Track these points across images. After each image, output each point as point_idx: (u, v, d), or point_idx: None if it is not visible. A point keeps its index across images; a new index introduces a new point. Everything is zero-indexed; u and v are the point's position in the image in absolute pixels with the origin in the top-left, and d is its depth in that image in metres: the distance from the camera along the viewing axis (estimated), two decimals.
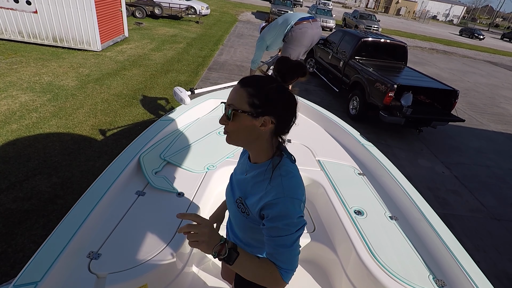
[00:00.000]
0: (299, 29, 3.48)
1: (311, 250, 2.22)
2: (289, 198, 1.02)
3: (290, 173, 1.08)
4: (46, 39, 8.52)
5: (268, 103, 1.01)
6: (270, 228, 1.03)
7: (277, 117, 1.03)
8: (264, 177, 1.09)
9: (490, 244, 3.89)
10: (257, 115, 1.01)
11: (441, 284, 1.69)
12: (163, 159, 2.41)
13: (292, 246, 1.03)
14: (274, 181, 1.05)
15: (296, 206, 1.03)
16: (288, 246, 1.02)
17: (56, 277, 1.42)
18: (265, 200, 1.04)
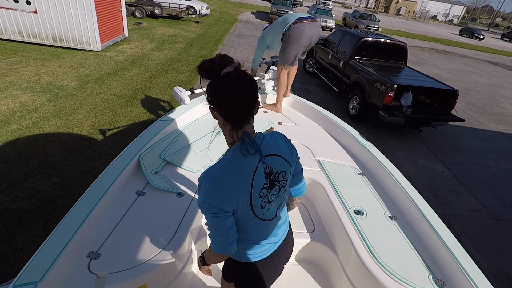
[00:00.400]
0: (297, 28, 3.44)
1: (310, 250, 2.22)
2: (200, 180, 1.11)
3: (219, 161, 1.13)
4: (46, 39, 8.52)
5: (209, 95, 1.12)
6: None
7: (217, 108, 1.11)
8: None
9: (489, 244, 3.89)
10: (210, 106, 1.13)
11: (440, 284, 1.69)
12: (163, 159, 2.42)
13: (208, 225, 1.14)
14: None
15: (201, 189, 1.09)
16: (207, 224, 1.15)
17: (56, 277, 1.42)
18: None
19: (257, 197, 1.14)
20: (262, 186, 1.14)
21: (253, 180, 1.12)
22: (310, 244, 2.21)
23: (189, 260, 1.97)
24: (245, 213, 1.15)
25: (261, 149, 1.13)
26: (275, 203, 1.24)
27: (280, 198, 1.26)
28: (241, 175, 1.10)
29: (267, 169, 1.15)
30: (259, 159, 1.12)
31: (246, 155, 1.11)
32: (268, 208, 1.21)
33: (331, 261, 2.12)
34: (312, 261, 2.23)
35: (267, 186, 1.16)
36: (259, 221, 1.21)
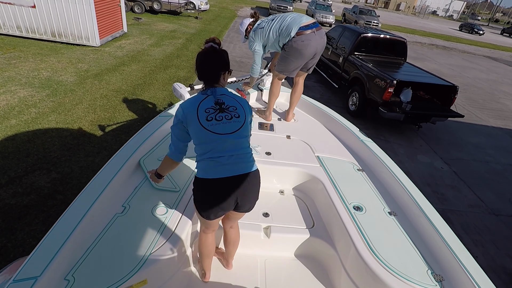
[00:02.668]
0: (302, 41, 2.99)
1: (310, 245, 2.22)
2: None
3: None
4: (45, 34, 8.48)
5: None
6: None
7: (196, 70, 1.70)
8: None
9: (488, 239, 3.91)
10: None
11: (439, 279, 1.70)
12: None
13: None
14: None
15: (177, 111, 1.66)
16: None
17: (56, 272, 1.42)
18: None
19: (202, 112, 1.58)
20: (208, 106, 1.60)
21: (201, 102, 1.61)
22: (309, 240, 2.21)
23: (189, 256, 1.97)
24: (193, 122, 1.57)
25: (216, 92, 1.65)
26: (226, 125, 1.59)
27: (233, 125, 1.60)
28: (195, 101, 1.62)
29: (219, 100, 1.64)
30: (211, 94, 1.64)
31: (203, 94, 1.65)
32: (215, 123, 1.57)
33: (330, 257, 2.13)
34: (311, 256, 2.24)
35: (215, 108, 1.60)
36: (208, 132, 1.55)
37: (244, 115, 1.65)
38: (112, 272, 1.50)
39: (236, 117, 1.61)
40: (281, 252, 2.23)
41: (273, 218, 2.31)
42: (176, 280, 1.80)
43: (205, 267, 1.94)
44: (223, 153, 1.57)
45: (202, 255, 1.89)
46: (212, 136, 1.55)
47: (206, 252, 1.87)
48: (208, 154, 1.57)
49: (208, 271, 1.96)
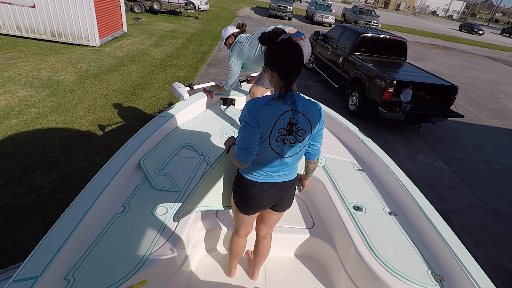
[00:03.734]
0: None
1: (310, 245, 2.22)
2: (247, 102, 1.47)
3: (265, 97, 1.49)
4: (45, 34, 8.48)
5: (267, 58, 1.48)
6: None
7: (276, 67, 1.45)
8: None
9: (488, 239, 3.91)
10: (266, 68, 1.51)
11: (439, 279, 1.70)
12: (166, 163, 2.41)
13: (238, 136, 1.52)
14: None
15: (244, 108, 1.47)
16: (238, 136, 1.53)
17: (56, 272, 1.42)
18: None
19: (276, 131, 1.46)
20: (282, 126, 1.46)
21: (278, 119, 1.44)
22: (309, 240, 2.21)
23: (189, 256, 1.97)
24: (263, 138, 1.47)
25: (297, 106, 1.46)
26: (288, 149, 1.53)
27: (294, 149, 1.55)
28: (272, 112, 1.43)
29: (292, 119, 1.46)
30: (291, 109, 1.44)
31: (284, 103, 1.44)
32: (281, 146, 1.51)
33: (330, 257, 2.13)
34: (312, 256, 2.24)
35: (286, 130, 1.47)
36: (271, 151, 1.51)
37: (309, 137, 1.57)
38: (112, 272, 1.50)
39: (300, 141, 1.54)
40: (281, 252, 2.23)
41: None
42: (176, 280, 1.80)
43: (231, 266, 2.05)
44: (275, 169, 1.60)
45: (232, 256, 1.98)
46: (273, 155, 1.54)
47: (235, 254, 1.96)
48: (262, 165, 1.58)
49: (234, 269, 2.09)
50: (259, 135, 1.46)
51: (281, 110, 1.43)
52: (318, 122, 1.55)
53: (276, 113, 1.43)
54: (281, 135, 1.47)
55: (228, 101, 3.53)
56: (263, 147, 1.50)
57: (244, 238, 1.91)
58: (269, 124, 1.44)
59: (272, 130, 1.45)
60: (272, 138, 1.47)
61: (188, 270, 1.98)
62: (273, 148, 1.51)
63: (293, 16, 23.38)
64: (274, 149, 1.51)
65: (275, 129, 1.45)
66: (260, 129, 1.44)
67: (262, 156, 1.54)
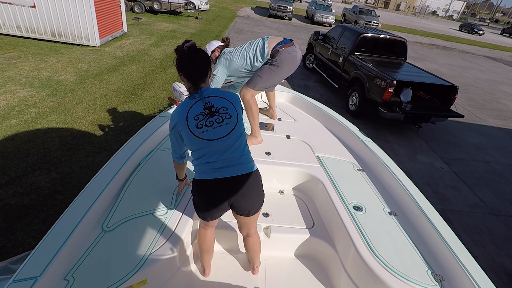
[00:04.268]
0: (288, 52, 2.82)
1: (310, 245, 2.22)
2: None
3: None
4: (45, 34, 8.48)
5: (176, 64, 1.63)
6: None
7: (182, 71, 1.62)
8: None
9: (488, 239, 3.91)
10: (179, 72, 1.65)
11: (439, 279, 1.70)
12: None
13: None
14: None
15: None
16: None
17: (56, 272, 1.42)
18: None
19: (192, 120, 1.55)
20: (198, 113, 1.56)
21: (189, 110, 1.56)
22: (309, 240, 2.21)
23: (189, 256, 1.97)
24: (186, 134, 1.57)
25: (203, 94, 1.59)
26: (219, 129, 1.56)
27: (226, 127, 1.58)
28: (183, 108, 1.59)
29: (207, 104, 1.58)
30: (199, 99, 1.58)
31: (192, 99, 1.60)
32: (206, 130, 1.55)
33: (330, 257, 2.13)
34: (311, 257, 2.24)
35: (204, 114, 1.56)
36: (199, 140, 1.55)
37: (236, 113, 1.62)
38: (112, 272, 1.50)
39: (227, 118, 1.58)
40: (281, 252, 2.23)
41: (273, 218, 2.31)
42: (176, 280, 1.80)
43: (204, 263, 1.95)
44: (217, 158, 1.58)
45: (202, 251, 1.89)
46: (204, 143, 1.55)
47: (205, 248, 1.87)
48: (203, 159, 1.60)
49: (208, 268, 1.97)
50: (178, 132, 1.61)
51: (189, 104, 1.58)
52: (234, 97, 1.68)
53: (186, 108, 1.57)
54: (200, 121, 1.54)
55: None
56: (191, 141, 1.56)
57: (211, 229, 1.86)
58: (183, 119, 1.55)
59: (187, 121, 1.55)
60: (191, 128, 1.54)
61: (188, 270, 1.98)
62: (199, 136, 1.54)
63: (293, 16, 23.39)
64: (200, 136, 1.54)
65: (190, 118, 1.55)
66: (178, 128, 1.59)
67: (197, 150, 1.59)
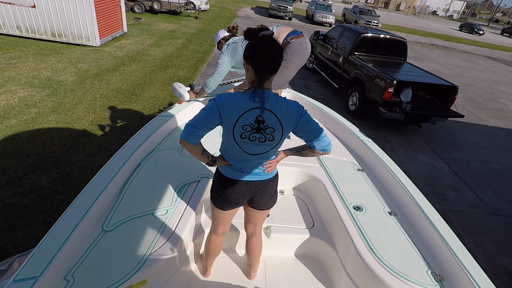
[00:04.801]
0: (299, 44, 2.77)
1: (310, 245, 2.22)
2: (214, 97, 1.49)
3: (235, 92, 1.49)
4: (45, 34, 8.48)
5: (247, 52, 1.44)
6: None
7: (252, 61, 1.42)
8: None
9: (488, 239, 3.91)
10: (245, 61, 1.47)
11: (439, 279, 1.70)
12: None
13: (195, 117, 1.48)
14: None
15: (210, 100, 1.48)
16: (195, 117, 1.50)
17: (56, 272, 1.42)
18: None
19: (239, 127, 1.45)
20: (247, 123, 1.45)
21: (243, 114, 1.43)
22: (309, 240, 2.21)
23: (189, 256, 1.97)
24: (227, 133, 1.50)
25: (265, 103, 1.42)
26: (256, 147, 1.52)
27: (262, 147, 1.53)
28: (238, 107, 1.43)
29: (260, 117, 1.44)
30: (258, 107, 1.42)
31: (251, 100, 1.42)
32: (247, 143, 1.50)
33: (330, 257, 2.13)
34: (311, 256, 2.24)
35: (253, 127, 1.46)
36: (237, 147, 1.52)
37: (280, 137, 1.53)
38: (112, 272, 1.50)
39: (270, 140, 1.51)
40: (281, 252, 2.23)
41: (273, 218, 2.31)
42: (176, 280, 1.80)
43: (208, 265, 2.04)
44: (246, 166, 1.63)
45: (208, 254, 1.97)
46: (240, 152, 1.54)
47: (212, 253, 1.95)
48: (232, 160, 1.62)
49: (210, 269, 2.06)
50: (214, 125, 1.48)
51: (247, 106, 1.42)
52: (292, 122, 1.50)
53: (241, 109, 1.43)
54: (246, 132, 1.47)
55: None
56: (228, 142, 1.53)
57: (222, 236, 1.93)
58: (233, 119, 1.44)
59: (235, 126, 1.45)
60: (236, 134, 1.47)
61: (188, 270, 1.98)
62: (239, 144, 1.51)
63: (293, 16, 23.37)
64: (240, 145, 1.51)
65: (238, 124, 1.45)
66: (221, 122, 1.46)
67: (229, 151, 1.59)
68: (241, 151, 1.53)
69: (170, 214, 1.90)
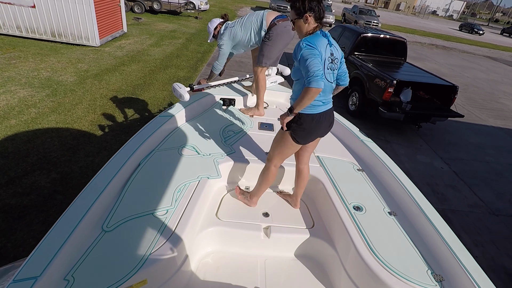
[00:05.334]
0: (284, 27, 3.11)
1: (310, 245, 2.22)
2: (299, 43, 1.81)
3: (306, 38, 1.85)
4: (45, 34, 8.48)
5: (305, 7, 1.83)
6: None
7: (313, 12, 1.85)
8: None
9: (488, 239, 3.91)
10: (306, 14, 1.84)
11: (439, 279, 1.70)
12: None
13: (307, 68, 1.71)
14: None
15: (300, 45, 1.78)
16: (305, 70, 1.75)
17: (56, 272, 1.42)
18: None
19: (326, 60, 1.80)
20: (328, 54, 1.82)
21: (326, 49, 1.80)
22: (309, 240, 2.21)
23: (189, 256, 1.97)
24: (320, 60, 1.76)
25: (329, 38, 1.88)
26: (333, 75, 1.90)
27: (334, 75, 1.93)
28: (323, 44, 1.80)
29: (331, 50, 1.85)
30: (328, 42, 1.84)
31: (324, 36, 1.85)
32: (329, 73, 1.84)
33: (330, 257, 2.13)
34: (311, 257, 2.24)
35: (331, 59, 1.84)
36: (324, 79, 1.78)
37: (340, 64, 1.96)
38: (112, 272, 1.50)
39: (336, 69, 1.92)
40: (281, 252, 2.23)
41: (273, 218, 2.31)
42: (176, 280, 1.80)
43: (259, 194, 2.33)
44: (326, 96, 1.93)
45: (264, 183, 2.27)
46: (326, 83, 1.83)
47: (269, 182, 2.26)
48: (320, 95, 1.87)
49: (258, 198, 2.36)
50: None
51: (325, 43, 1.81)
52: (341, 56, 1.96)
53: (324, 45, 1.79)
54: (329, 63, 1.82)
55: (228, 101, 3.53)
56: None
57: (277, 169, 2.25)
58: (323, 53, 1.77)
59: (325, 60, 1.79)
60: (326, 64, 1.80)
61: (188, 270, 1.98)
62: (326, 76, 1.82)
63: None
64: (327, 77, 1.82)
65: (325, 58, 1.79)
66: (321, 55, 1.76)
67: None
68: (327, 81, 1.83)
69: (170, 214, 1.90)
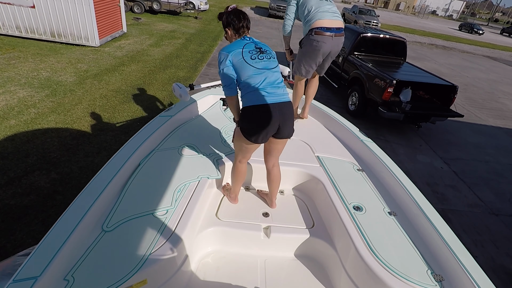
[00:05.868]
0: (317, 41, 3.07)
1: (310, 245, 2.22)
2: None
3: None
4: (44, 34, 8.47)
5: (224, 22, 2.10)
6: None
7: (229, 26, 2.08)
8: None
9: (488, 238, 3.91)
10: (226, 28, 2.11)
11: (439, 279, 1.70)
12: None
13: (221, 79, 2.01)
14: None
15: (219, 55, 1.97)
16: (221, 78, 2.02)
17: (56, 272, 1.42)
18: None
19: (247, 52, 1.94)
20: (251, 48, 1.98)
21: (244, 46, 1.97)
22: (309, 240, 2.21)
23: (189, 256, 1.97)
24: (239, 62, 1.92)
25: (252, 39, 2.05)
26: (267, 62, 1.99)
27: (272, 62, 2.03)
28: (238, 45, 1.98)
29: (257, 45, 2.03)
30: (251, 41, 2.03)
31: (244, 40, 2.02)
32: (259, 62, 1.95)
33: (330, 257, 2.13)
34: (311, 257, 2.24)
35: (257, 50, 1.99)
36: (252, 68, 1.92)
37: (275, 57, 2.08)
38: (112, 272, 1.50)
39: (273, 58, 2.05)
40: (281, 252, 2.23)
41: (273, 218, 2.31)
42: (176, 280, 1.80)
43: (236, 191, 2.37)
44: (267, 85, 1.93)
45: (237, 181, 2.30)
46: (257, 71, 1.92)
47: (240, 179, 2.29)
48: (254, 86, 1.91)
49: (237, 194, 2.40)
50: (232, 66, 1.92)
51: (243, 43, 1.99)
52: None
53: (241, 44, 1.97)
54: (253, 54, 1.95)
55: None
56: (244, 69, 1.91)
57: (245, 164, 2.27)
58: (238, 51, 1.92)
59: (243, 53, 1.92)
60: (245, 58, 1.92)
61: (188, 270, 1.98)
62: (252, 65, 1.92)
63: None
64: (253, 65, 1.92)
65: (245, 51, 1.93)
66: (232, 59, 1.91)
67: (249, 76, 1.92)
68: (257, 69, 1.92)
69: (170, 214, 1.90)
